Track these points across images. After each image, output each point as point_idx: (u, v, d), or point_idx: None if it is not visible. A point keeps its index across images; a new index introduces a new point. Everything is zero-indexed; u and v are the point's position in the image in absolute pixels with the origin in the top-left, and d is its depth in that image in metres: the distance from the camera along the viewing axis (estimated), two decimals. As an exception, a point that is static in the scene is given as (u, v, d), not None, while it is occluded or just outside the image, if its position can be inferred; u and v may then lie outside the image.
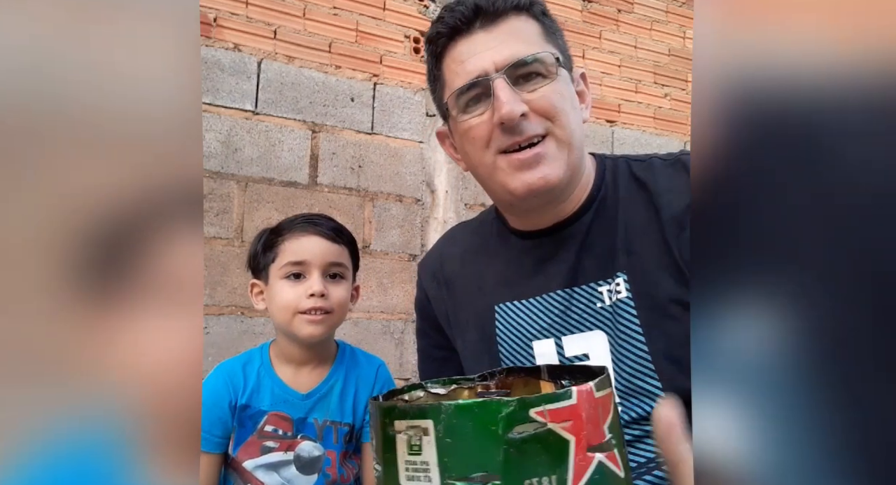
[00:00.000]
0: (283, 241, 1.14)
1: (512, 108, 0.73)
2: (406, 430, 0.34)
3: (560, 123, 0.76)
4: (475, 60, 0.77)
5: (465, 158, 0.85)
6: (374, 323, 2.18)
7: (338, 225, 1.19)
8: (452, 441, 0.33)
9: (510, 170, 0.77)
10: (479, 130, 0.78)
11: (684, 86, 2.96)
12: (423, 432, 0.34)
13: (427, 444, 0.33)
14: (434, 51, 0.83)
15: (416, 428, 0.34)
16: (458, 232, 1.05)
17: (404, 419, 0.34)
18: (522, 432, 0.32)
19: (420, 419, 0.34)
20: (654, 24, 2.92)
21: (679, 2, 3.00)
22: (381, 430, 0.36)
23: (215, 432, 1.11)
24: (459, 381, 0.52)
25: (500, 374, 0.53)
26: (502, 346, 0.88)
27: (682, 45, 2.98)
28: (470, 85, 0.77)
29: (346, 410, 1.17)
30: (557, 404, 0.34)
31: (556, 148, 0.77)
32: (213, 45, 2.02)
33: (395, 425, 0.35)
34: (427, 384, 0.51)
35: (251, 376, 1.15)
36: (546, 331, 0.84)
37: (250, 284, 1.20)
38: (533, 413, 0.33)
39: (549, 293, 0.85)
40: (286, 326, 1.12)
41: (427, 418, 0.34)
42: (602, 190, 0.86)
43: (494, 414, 0.32)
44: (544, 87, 0.76)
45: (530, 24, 0.79)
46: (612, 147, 2.73)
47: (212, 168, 1.98)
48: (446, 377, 0.53)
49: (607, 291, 0.80)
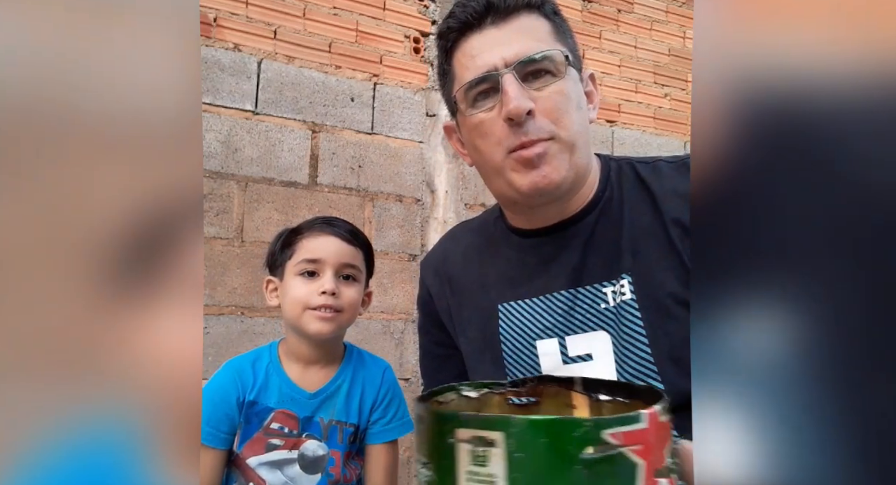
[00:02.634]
0: (301, 239, 1.17)
1: (519, 104, 0.74)
2: (470, 439, 0.34)
3: (565, 125, 0.77)
4: (485, 56, 0.77)
5: (472, 153, 0.86)
6: (374, 323, 2.18)
7: (355, 228, 1.21)
8: (524, 456, 0.32)
9: (516, 167, 0.77)
10: (489, 126, 0.78)
11: (684, 86, 2.96)
12: (489, 443, 0.33)
13: (494, 456, 0.33)
14: (445, 46, 0.84)
15: (482, 439, 0.33)
16: (460, 231, 1.06)
17: (468, 428, 0.34)
18: (595, 454, 0.32)
19: (487, 430, 0.33)
20: (654, 24, 2.92)
21: (679, 2, 3.00)
22: (436, 436, 0.35)
23: (222, 427, 1.11)
24: (491, 385, 0.52)
25: (532, 381, 0.53)
26: (505, 344, 0.88)
27: (682, 45, 2.98)
28: (479, 80, 0.78)
29: (351, 410, 1.18)
30: (630, 426, 0.33)
31: (559, 150, 0.77)
32: (213, 45, 2.02)
33: (457, 434, 0.34)
34: (460, 387, 0.51)
35: (260, 373, 1.16)
36: (550, 330, 0.84)
37: (265, 280, 1.22)
38: (606, 435, 0.33)
39: (553, 293, 0.85)
40: (296, 321, 1.13)
41: (495, 430, 0.33)
42: (607, 191, 0.86)
43: (569, 433, 0.32)
44: (552, 86, 0.77)
45: (541, 23, 0.80)
46: (612, 147, 2.73)
47: (212, 168, 1.98)
48: (478, 381, 0.53)
49: (612, 293, 0.81)
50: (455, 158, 2.38)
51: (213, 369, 1.18)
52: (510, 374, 0.88)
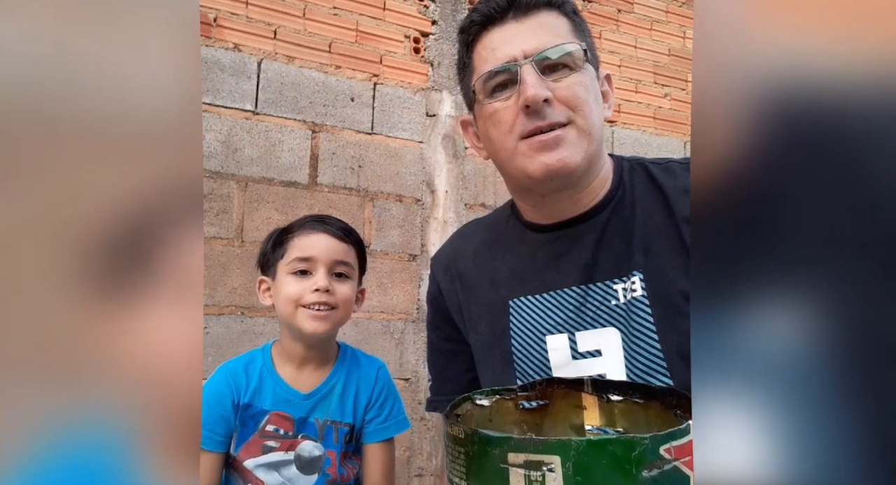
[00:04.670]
0: (292, 238, 1.17)
1: (537, 92, 0.75)
2: (524, 464, 0.33)
3: (583, 113, 0.78)
4: (505, 48, 0.80)
5: (487, 144, 0.87)
6: (374, 323, 2.18)
7: (347, 226, 1.21)
8: (582, 479, 0.32)
9: (530, 152, 0.79)
10: (504, 114, 0.80)
11: (684, 86, 2.96)
12: (545, 466, 0.32)
13: (552, 481, 0.32)
14: (466, 40, 0.86)
15: (538, 463, 0.33)
16: (471, 228, 1.07)
17: (522, 452, 0.33)
18: (653, 470, 0.32)
19: (543, 454, 0.33)
20: (654, 24, 2.92)
21: (679, 2, 3.00)
22: (484, 460, 0.34)
23: (218, 430, 1.11)
24: (501, 392, 0.52)
25: (541, 384, 0.53)
26: (515, 340, 0.89)
27: (682, 45, 2.98)
28: (498, 70, 0.80)
29: (346, 410, 1.18)
30: (681, 440, 0.33)
31: (576, 136, 0.78)
32: (213, 45, 2.02)
33: (509, 458, 0.33)
34: (473, 396, 0.51)
35: (253, 376, 1.15)
36: (560, 326, 0.85)
37: (258, 280, 1.22)
38: (662, 451, 0.32)
39: (563, 289, 0.86)
40: (290, 320, 1.13)
41: (553, 454, 0.32)
42: (620, 190, 0.87)
43: (629, 452, 0.32)
44: (570, 78, 0.78)
45: (561, 20, 0.82)
46: (612, 147, 2.73)
47: (212, 168, 1.98)
48: (488, 389, 0.52)
49: (622, 289, 0.81)
50: (455, 157, 2.38)
51: (213, 369, 1.18)
52: (519, 369, 0.88)
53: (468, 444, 0.35)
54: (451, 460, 0.37)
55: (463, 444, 0.36)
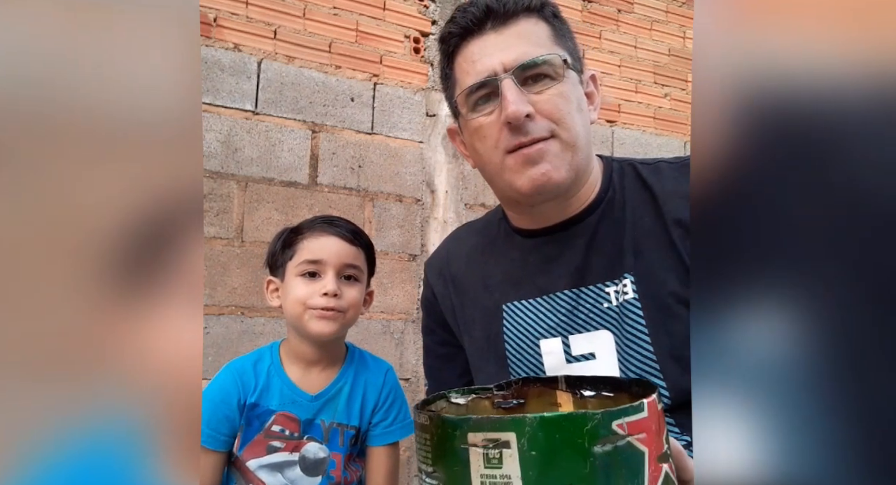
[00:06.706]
0: (302, 239, 1.16)
1: (518, 108, 0.75)
2: (482, 443, 0.34)
3: (565, 126, 0.78)
4: (485, 61, 0.79)
5: (474, 156, 0.87)
6: (374, 323, 2.18)
7: (357, 228, 1.21)
8: (537, 454, 0.33)
9: (516, 167, 0.78)
10: (488, 129, 0.79)
11: (684, 86, 2.96)
12: (502, 444, 0.33)
13: (508, 457, 0.33)
14: (446, 50, 0.86)
15: (495, 441, 0.34)
16: (463, 232, 1.06)
17: (480, 432, 0.34)
18: (606, 445, 0.33)
19: (500, 432, 0.34)
20: (654, 24, 2.92)
21: (679, 2, 3.00)
22: (446, 442, 0.35)
23: (222, 430, 1.10)
24: (477, 391, 0.53)
25: (516, 383, 0.53)
26: (509, 344, 0.89)
27: (682, 45, 2.98)
28: (479, 85, 0.79)
29: (353, 412, 1.17)
30: (634, 416, 0.34)
31: (560, 148, 0.78)
32: (213, 45, 2.02)
33: (469, 438, 0.34)
34: (449, 394, 0.51)
35: (261, 375, 1.15)
36: (553, 330, 0.85)
37: (266, 280, 1.21)
38: (614, 426, 0.33)
39: (556, 293, 0.85)
40: (297, 321, 1.13)
41: (508, 431, 0.33)
42: (609, 192, 0.86)
43: (581, 427, 0.33)
44: (551, 89, 0.78)
45: (540, 26, 0.81)
46: (612, 147, 2.73)
47: (212, 168, 1.98)
48: (464, 388, 0.53)
49: (614, 292, 0.81)
50: (455, 157, 2.38)
51: (213, 368, 1.18)
52: (514, 373, 0.88)
53: (432, 429, 0.37)
54: (419, 448, 0.39)
55: (427, 430, 0.37)
